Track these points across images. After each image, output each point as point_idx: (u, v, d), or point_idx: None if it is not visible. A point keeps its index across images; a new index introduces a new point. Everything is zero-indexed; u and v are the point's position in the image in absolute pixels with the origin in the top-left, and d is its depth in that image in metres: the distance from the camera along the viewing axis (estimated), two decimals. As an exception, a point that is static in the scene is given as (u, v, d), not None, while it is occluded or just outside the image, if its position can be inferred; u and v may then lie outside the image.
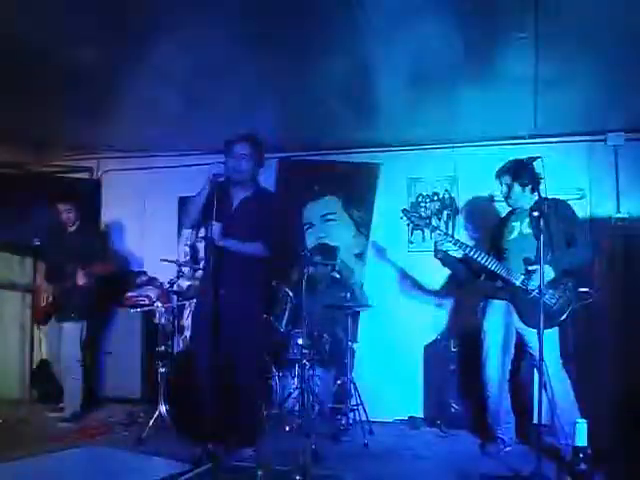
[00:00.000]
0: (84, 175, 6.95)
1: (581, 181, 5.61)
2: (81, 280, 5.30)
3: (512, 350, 4.42)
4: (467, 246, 4.38)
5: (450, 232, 5.88)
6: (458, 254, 4.44)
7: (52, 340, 5.65)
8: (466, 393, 5.26)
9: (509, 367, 4.45)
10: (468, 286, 5.09)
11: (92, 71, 4.49)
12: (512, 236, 4.40)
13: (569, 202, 4.52)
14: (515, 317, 4.28)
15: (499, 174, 4.45)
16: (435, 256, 4.55)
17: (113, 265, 5.69)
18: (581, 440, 2.54)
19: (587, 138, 5.65)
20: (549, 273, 4.03)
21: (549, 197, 4.11)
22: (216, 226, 3.93)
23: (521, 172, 4.24)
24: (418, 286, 5.97)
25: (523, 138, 5.64)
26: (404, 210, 4.68)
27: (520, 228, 4.36)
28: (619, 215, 5.40)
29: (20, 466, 3.90)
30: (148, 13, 3.64)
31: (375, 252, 6.23)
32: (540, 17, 3.54)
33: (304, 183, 6.53)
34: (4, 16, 3.63)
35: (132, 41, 4.06)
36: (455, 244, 4.39)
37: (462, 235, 5.86)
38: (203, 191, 4.02)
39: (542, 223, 3.70)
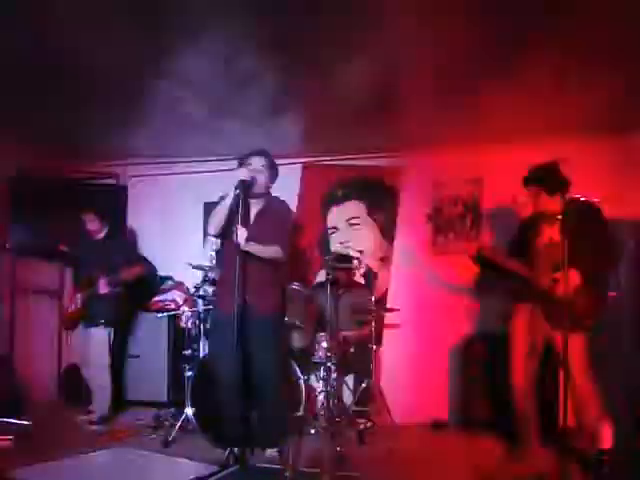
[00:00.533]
0: (111, 181, 7.04)
1: (604, 182, 5.56)
2: (103, 289, 5.42)
3: (539, 353, 4.40)
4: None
5: (475, 235, 5.95)
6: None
7: (81, 345, 5.75)
8: (491, 396, 5.25)
9: (535, 370, 4.43)
10: (497, 289, 5.08)
11: (119, 79, 4.59)
12: (542, 241, 4.35)
13: (597, 204, 4.47)
14: (543, 320, 4.27)
15: (526, 182, 4.36)
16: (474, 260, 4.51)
17: (142, 268, 5.77)
18: (605, 442, 2.53)
19: (610, 137, 5.61)
20: (576, 277, 4.01)
21: (579, 199, 4.10)
22: (241, 231, 3.98)
23: (547, 179, 4.19)
24: (443, 289, 5.98)
25: (546, 139, 5.62)
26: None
27: (550, 233, 4.30)
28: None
29: (51, 467, 3.97)
30: (173, 22, 3.73)
31: (400, 255, 6.25)
32: (562, 18, 3.57)
33: (328, 187, 6.58)
34: (32, 27, 3.74)
35: (159, 50, 4.15)
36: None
37: (487, 238, 5.90)
38: (227, 197, 4.09)
39: (568, 228, 3.65)
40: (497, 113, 5.25)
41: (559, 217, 3.80)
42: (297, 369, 5.01)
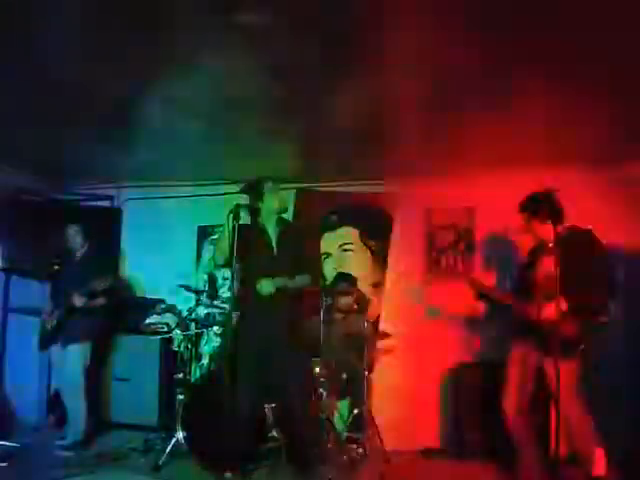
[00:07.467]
0: (106, 203, 7.07)
1: (597, 211, 5.60)
2: (78, 302, 5.18)
3: (532, 381, 4.40)
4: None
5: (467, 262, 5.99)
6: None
7: (56, 365, 5.58)
8: (483, 423, 5.23)
9: (528, 398, 4.42)
10: (492, 321, 5.14)
11: (116, 102, 4.61)
12: (539, 271, 4.37)
13: (591, 232, 4.50)
14: (536, 348, 4.26)
15: (521, 210, 4.40)
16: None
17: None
18: (599, 469, 2.53)
19: (603, 168, 5.66)
20: (564, 304, 4.03)
21: (576, 227, 4.15)
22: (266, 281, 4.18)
23: (539, 207, 4.22)
24: (436, 315, 5.98)
25: (537, 168, 5.66)
26: None
27: (548, 265, 4.24)
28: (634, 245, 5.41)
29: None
30: (170, 47, 3.76)
31: (392, 281, 6.27)
32: (546, 48, 3.61)
33: (321, 213, 6.62)
34: (32, 48, 3.76)
35: (155, 74, 4.17)
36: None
37: (479, 266, 5.93)
38: (227, 227, 4.09)
39: (561, 257, 3.69)
40: (491, 143, 5.29)
41: (550, 245, 3.84)
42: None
